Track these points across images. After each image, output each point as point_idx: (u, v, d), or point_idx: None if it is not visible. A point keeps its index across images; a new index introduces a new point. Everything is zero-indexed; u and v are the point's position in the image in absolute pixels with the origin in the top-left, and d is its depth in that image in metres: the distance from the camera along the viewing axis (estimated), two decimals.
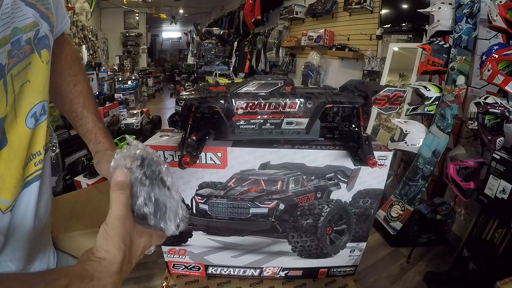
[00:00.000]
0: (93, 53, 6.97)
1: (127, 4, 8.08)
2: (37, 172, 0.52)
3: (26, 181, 0.51)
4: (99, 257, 0.41)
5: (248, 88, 0.90)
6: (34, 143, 0.51)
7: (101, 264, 0.41)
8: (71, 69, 0.68)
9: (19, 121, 0.47)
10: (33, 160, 0.51)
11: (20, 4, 0.45)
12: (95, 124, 0.66)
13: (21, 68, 0.46)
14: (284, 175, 0.98)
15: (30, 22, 0.47)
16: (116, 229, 0.43)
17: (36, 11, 0.48)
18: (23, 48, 0.46)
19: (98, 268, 0.41)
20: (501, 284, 1.16)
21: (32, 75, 0.49)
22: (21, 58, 0.46)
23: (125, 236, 0.43)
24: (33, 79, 0.49)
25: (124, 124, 3.17)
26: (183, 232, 1.14)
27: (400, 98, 0.93)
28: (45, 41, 0.51)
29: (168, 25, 12.43)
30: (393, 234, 2.01)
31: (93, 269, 0.40)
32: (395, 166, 2.51)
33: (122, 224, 0.43)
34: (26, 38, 0.46)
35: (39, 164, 0.52)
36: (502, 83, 1.49)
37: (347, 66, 3.70)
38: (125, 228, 0.43)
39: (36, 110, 0.50)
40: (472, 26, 1.79)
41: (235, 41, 6.35)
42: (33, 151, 0.51)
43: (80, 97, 0.67)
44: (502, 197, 1.47)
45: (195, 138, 0.85)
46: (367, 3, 3.11)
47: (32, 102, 0.49)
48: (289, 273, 1.17)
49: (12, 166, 0.47)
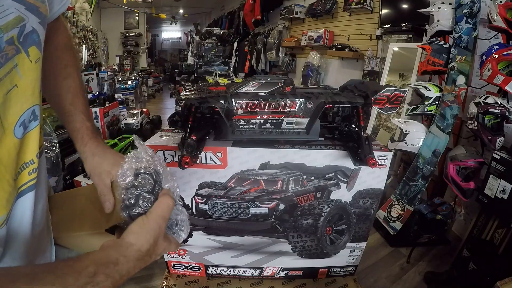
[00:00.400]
0: (93, 53, 6.97)
1: (127, 4, 8.09)
2: (31, 181, 0.49)
3: (20, 191, 0.48)
4: (129, 242, 0.44)
5: (248, 88, 0.90)
6: (25, 152, 0.47)
7: (128, 249, 0.43)
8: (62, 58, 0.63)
9: (7, 133, 0.43)
10: (26, 169, 0.48)
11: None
12: (83, 124, 0.61)
13: (4, 73, 0.41)
14: (284, 175, 0.98)
15: (13, 19, 0.41)
16: (154, 225, 0.47)
17: (21, 3, 0.43)
18: (4, 50, 0.40)
19: (124, 253, 0.43)
20: (501, 284, 1.16)
21: (20, 79, 0.44)
22: (2, 63, 0.40)
23: (157, 234, 0.47)
24: (21, 83, 0.44)
25: (124, 124, 3.17)
26: None
27: (400, 98, 0.93)
28: (33, 36, 0.45)
29: (168, 25, 12.43)
30: (393, 234, 2.01)
31: (119, 254, 0.42)
32: (395, 166, 2.51)
33: (160, 224, 0.48)
34: (7, 39, 0.41)
35: (33, 174, 0.49)
36: (502, 83, 1.49)
37: (347, 66, 3.70)
38: (160, 228, 0.48)
39: (25, 118, 0.46)
40: (472, 26, 1.79)
41: (235, 41, 6.35)
42: (25, 160, 0.48)
43: (69, 93, 0.62)
44: (502, 197, 1.47)
45: (195, 138, 0.85)
46: (367, 3, 3.11)
47: (21, 109, 0.45)
48: (289, 273, 1.17)
49: (2, 180, 0.44)
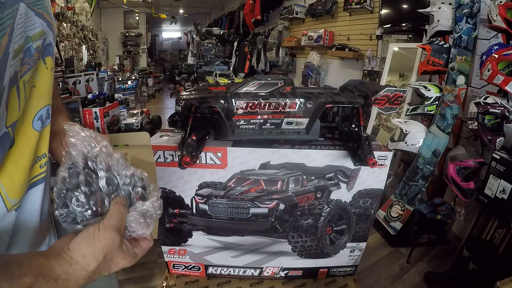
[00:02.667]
0: (93, 53, 6.97)
1: (127, 4, 8.08)
2: (42, 174, 0.54)
3: (32, 182, 0.52)
4: (73, 259, 0.40)
5: (248, 88, 0.90)
6: (40, 146, 0.53)
7: (72, 267, 0.40)
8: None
9: (26, 124, 0.50)
10: (39, 162, 0.53)
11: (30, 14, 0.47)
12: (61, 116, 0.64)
13: (31, 74, 0.49)
14: (284, 175, 0.98)
15: (39, 31, 0.49)
16: (105, 240, 0.42)
17: (44, 20, 0.51)
18: (33, 55, 0.48)
19: (66, 270, 0.39)
20: (501, 284, 1.16)
21: (38, 81, 0.51)
22: (31, 65, 0.48)
23: (110, 250, 0.42)
24: (38, 85, 0.51)
25: (124, 124, 3.17)
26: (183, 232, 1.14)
27: (400, 98, 0.93)
28: (49, 48, 0.53)
29: (168, 25, 12.42)
30: (393, 234, 2.01)
31: (61, 270, 0.39)
32: (395, 166, 2.51)
33: (113, 238, 0.42)
34: (35, 46, 0.49)
35: (44, 166, 0.54)
36: (502, 83, 1.49)
37: (347, 66, 3.70)
38: (113, 243, 0.42)
39: (42, 114, 0.52)
40: (472, 26, 1.79)
41: (235, 41, 6.35)
42: (38, 154, 0.53)
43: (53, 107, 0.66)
44: (502, 197, 1.47)
45: (195, 138, 0.85)
46: (367, 3, 3.11)
47: (38, 106, 0.52)
48: (289, 273, 1.17)
49: (20, 166, 0.48)
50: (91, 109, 2.60)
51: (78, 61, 5.30)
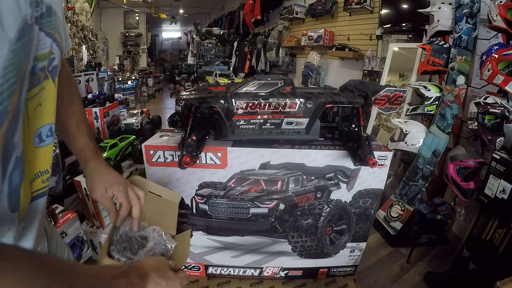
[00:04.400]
0: (93, 53, 6.96)
1: (127, 4, 8.07)
2: (44, 188, 0.56)
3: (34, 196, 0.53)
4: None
5: (248, 88, 0.90)
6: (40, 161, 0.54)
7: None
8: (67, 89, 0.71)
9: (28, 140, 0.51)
10: (41, 177, 0.55)
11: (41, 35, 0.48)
12: (86, 144, 0.71)
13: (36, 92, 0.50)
14: (284, 175, 0.98)
15: (47, 52, 0.51)
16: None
17: (53, 40, 0.52)
18: (37, 75, 0.49)
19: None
20: (501, 284, 1.16)
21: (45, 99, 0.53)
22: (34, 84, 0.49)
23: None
24: (44, 103, 0.53)
25: (124, 124, 3.16)
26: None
27: (400, 98, 0.93)
28: (57, 69, 0.55)
29: (168, 25, 12.41)
30: (393, 234, 2.01)
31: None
32: (395, 166, 2.51)
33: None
34: (41, 66, 0.50)
35: (46, 182, 0.56)
36: (502, 83, 1.49)
37: (347, 66, 3.69)
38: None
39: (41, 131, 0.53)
40: (472, 26, 1.79)
41: (235, 41, 6.35)
42: (40, 169, 0.54)
43: (74, 118, 0.71)
44: (502, 197, 1.47)
45: (195, 138, 0.86)
46: (367, 3, 3.11)
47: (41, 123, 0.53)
48: (289, 273, 1.17)
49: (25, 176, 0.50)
50: (91, 109, 2.60)
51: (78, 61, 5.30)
